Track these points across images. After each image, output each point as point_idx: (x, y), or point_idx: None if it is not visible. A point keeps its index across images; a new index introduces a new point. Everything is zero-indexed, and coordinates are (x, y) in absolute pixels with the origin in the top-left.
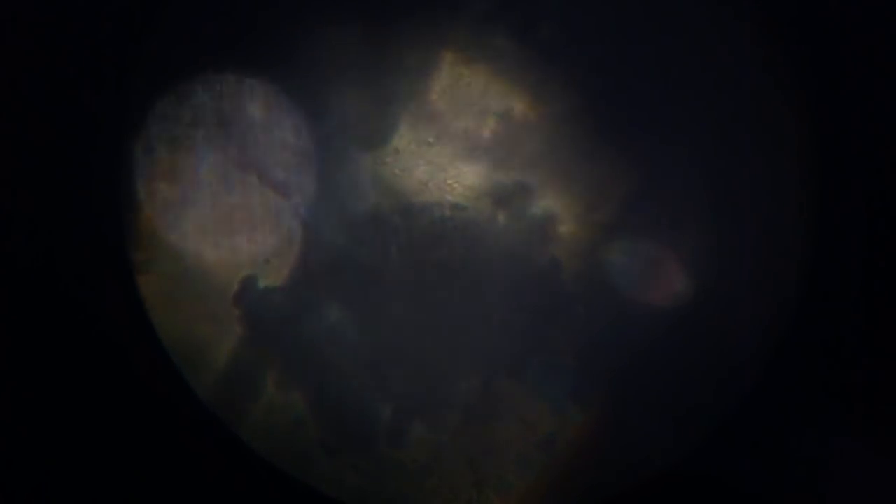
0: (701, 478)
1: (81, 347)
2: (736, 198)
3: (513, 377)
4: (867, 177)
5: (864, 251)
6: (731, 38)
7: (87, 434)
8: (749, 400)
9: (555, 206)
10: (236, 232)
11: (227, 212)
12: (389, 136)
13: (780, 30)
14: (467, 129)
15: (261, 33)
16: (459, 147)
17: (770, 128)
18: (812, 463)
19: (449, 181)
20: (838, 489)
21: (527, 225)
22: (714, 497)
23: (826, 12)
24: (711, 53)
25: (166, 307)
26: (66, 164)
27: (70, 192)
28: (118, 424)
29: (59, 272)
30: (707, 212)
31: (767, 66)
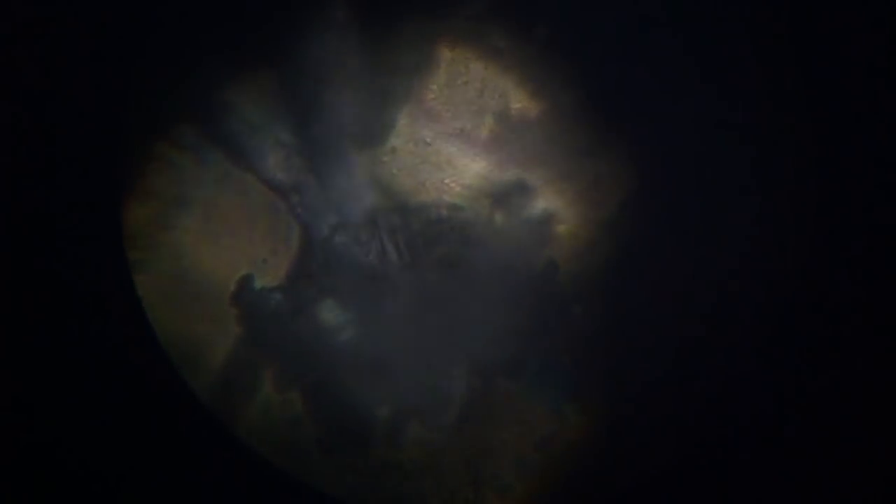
0: (700, 478)
1: (80, 346)
2: (735, 196)
3: (511, 377)
4: (867, 176)
5: (863, 250)
6: (730, 38)
7: (86, 433)
8: (748, 399)
9: (553, 206)
10: (234, 231)
11: (224, 211)
12: (387, 135)
13: (781, 29)
14: (465, 128)
15: (258, 33)
16: (457, 146)
17: (770, 126)
18: (810, 460)
19: (446, 181)
20: (837, 486)
21: (525, 225)
22: (713, 497)
23: (826, 12)
24: (711, 52)
25: (163, 306)
26: (65, 162)
27: (68, 190)
28: (116, 423)
29: (57, 271)
30: (706, 210)
31: (768, 65)
